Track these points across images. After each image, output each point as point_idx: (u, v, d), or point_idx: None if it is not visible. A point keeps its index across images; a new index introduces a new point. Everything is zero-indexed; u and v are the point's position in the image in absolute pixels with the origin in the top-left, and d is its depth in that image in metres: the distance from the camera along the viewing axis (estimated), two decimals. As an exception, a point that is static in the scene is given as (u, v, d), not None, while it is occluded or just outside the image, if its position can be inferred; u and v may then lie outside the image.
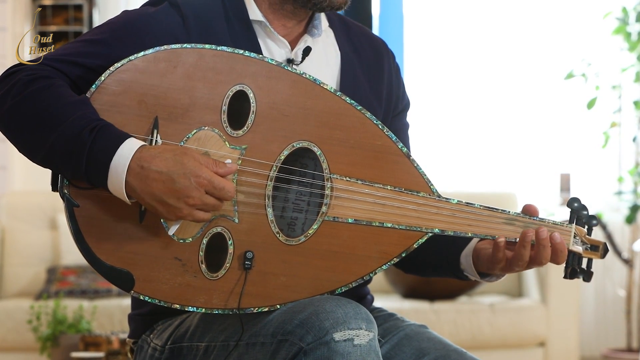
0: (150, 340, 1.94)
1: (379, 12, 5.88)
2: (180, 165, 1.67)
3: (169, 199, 1.67)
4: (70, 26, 5.72)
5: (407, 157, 1.85)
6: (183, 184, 1.67)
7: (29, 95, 1.71)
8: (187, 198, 1.67)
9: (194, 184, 1.67)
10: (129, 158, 1.67)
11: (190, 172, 1.67)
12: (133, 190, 1.68)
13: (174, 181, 1.67)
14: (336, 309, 1.69)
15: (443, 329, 4.87)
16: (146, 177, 1.67)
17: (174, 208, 1.68)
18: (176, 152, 1.69)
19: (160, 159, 1.67)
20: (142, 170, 1.67)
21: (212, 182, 1.68)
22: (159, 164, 1.67)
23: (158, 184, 1.67)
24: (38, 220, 5.34)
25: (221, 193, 1.69)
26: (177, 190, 1.67)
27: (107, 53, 1.79)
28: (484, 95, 6.01)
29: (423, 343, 1.91)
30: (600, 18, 5.75)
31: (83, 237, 1.72)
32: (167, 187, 1.67)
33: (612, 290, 5.80)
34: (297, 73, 1.81)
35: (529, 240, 1.81)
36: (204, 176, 1.67)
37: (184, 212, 1.68)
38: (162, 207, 1.68)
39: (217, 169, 1.69)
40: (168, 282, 1.74)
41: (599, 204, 5.86)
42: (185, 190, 1.67)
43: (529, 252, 1.82)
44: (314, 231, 1.80)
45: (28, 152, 1.75)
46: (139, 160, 1.67)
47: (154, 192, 1.67)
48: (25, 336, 4.63)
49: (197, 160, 1.68)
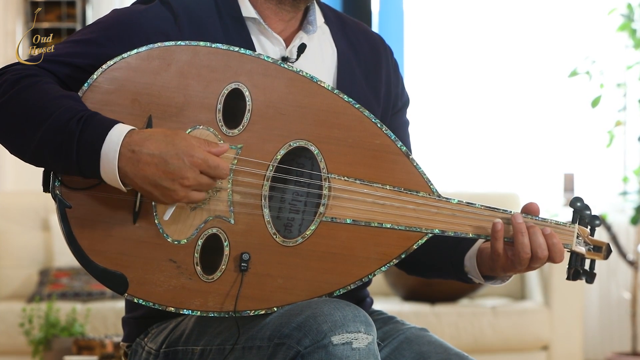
0: (144, 344, 1.94)
1: (379, 8, 5.88)
2: (172, 145, 1.67)
3: (164, 181, 1.67)
4: (63, 23, 5.73)
5: (407, 156, 1.85)
6: (177, 164, 1.66)
7: (15, 94, 1.72)
8: (182, 179, 1.67)
9: (187, 164, 1.66)
10: (118, 143, 1.66)
11: (183, 152, 1.66)
12: (126, 176, 1.67)
13: (167, 163, 1.66)
14: (334, 311, 1.69)
15: (444, 332, 4.87)
16: (138, 161, 1.66)
17: (169, 191, 1.67)
18: (167, 133, 1.68)
19: (152, 141, 1.67)
20: (134, 154, 1.66)
21: (206, 161, 1.67)
22: (150, 146, 1.66)
23: (151, 167, 1.66)
24: (30, 221, 5.34)
25: (216, 171, 1.69)
26: (171, 172, 1.66)
27: (97, 52, 1.79)
28: (486, 93, 6.01)
29: (423, 347, 1.91)
30: (604, 14, 5.75)
31: (75, 239, 1.72)
32: (161, 169, 1.66)
33: (616, 293, 5.80)
34: (294, 71, 1.82)
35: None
36: (197, 155, 1.67)
37: (179, 195, 1.68)
38: (157, 190, 1.67)
39: (209, 148, 1.69)
40: (162, 285, 1.74)
41: (604, 204, 5.86)
42: (179, 171, 1.66)
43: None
44: (312, 232, 1.80)
45: (18, 150, 1.75)
46: (129, 144, 1.66)
47: (147, 176, 1.66)
48: (17, 340, 4.63)
49: (189, 140, 1.68)
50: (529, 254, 1.81)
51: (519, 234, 1.81)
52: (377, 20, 5.87)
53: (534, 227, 1.82)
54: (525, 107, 6.01)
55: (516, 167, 6.01)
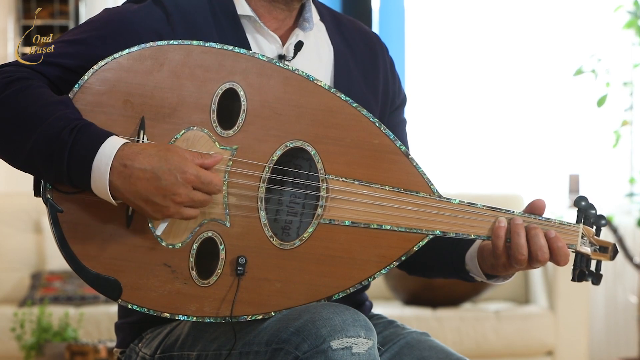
0: (138, 350, 1.94)
1: (379, 5, 5.89)
2: (165, 161, 1.67)
3: (155, 197, 1.67)
4: (56, 20, 5.73)
5: (406, 155, 1.85)
6: (169, 181, 1.67)
7: (6, 99, 1.72)
8: (174, 196, 1.67)
9: (180, 181, 1.67)
10: (111, 157, 1.67)
11: (175, 168, 1.67)
12: (117, 190, 1.68)
13: (159, 178, 1.67)
14: (333, 316, 1.69)
15: (446, 337, 4.87)
16: (130, 176, 1.67)
17: (160, 207, 1.68)
18: (160, 147, 1.69)
19: (144, 156, 1.67)
20: (126, 168, 1.67)
21: (199, 177, 1.68)
22: (142, 161, 1.67)
23: (142, 182, 1.67)
24: (22, 223, 5.34)
25: (209, 187, 1.69)
26: (163, 187, 1.67)
27: (88, 53, 1.79)
28: (489, 92, 6.01)
29: (425, 352, 1.91)
30: (610, 12, 5.75)
31: (67, 244, 1.72)
32: (153, 185, 1.67)
33: (623, 297, 5.80)
34: (290, 69, 1.82)
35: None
36: (190, 172, 1.67)
37: (171, 211, 1.68)
38: (148, 206, 1.68)
39: (203, 161, 1.69)
40: (157, 290, 1.74)
41: (610, 206, 5.86)
42: (171, 187, 1.67)
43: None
44: (309, 234, 1.80)
45: (8, 157, 1.75)
46: (122, 158, 1.67)
47: (139, 191, 1.67)
48: (9, 345, 4.63)
49: (182, 155, 1.68)
50: (524, 256, 1.81)
51: (515, 235, 1.81)
52: (377, 18, 5.87)
53: (536, 228, 1.82)
54: (530, 106, 6.01)
55: (520, 167, 6.01)
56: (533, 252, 1.81)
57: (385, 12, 5.91)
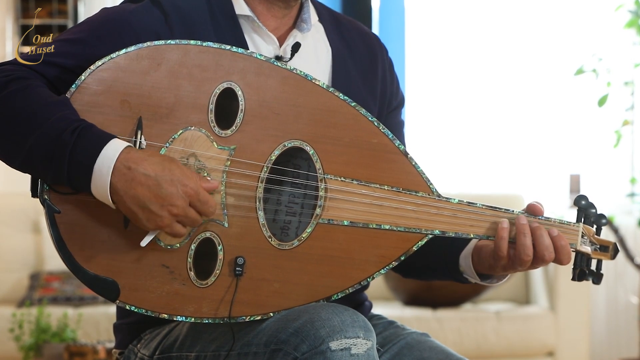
0: (137, 351, 1.94)
1: (379, 5, 5.89)
2: (169, 171, 1.68)
3: (152, 205, 1.67)
4: (54, 19, 5.73)
5: (405, 155, 1.85)
6: (169, 190, 1.67)
7: (5, 98, 1.72)
8: (171, 207, 1.67)
9: (180, 192, 1.67)
10: (113, 159, 1.67)
11: (178, 180, 1.67)
12: (116, 192, 1.67)
13: (160, 186, 1.67)
14: (332, 316, 1.69)
15: (446, 338, 4.87)
16: (132, 179, 1.67)
17: (155, 215, 1.68)
18: (164, 158, 1.70)
19: (149, 163, 1.67)
20: (129, 171, 1.67)
21: (198, 194, 1.69)
22: (147, 167, 1.67)
23: (143, 188, 1.67)
24: (20, 223, 5.34)
25: (204, 207, 1.69)
26: (162, 196, 1.67)
27: (85, 52, 1.79)
28: (490, 92, 6.01)
29: (425, 353, 1.91)
30: (611, 11, 5.75)
31: (65, 245, 1.72)
32: (153, 192, 1.67)
33: (624, 297, 5.80)
34: (288, 69, 1.82)
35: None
36: (191, 186, 1.68)
37: (164, 222, 1.68)
38: (143, 213, 1.68)
39: (201, 182, 1.70)
40: (155, 291, 1.74)
41: (611, 206, 5.86)
42: (170, 197, 1.67)
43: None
44: (308, 235, 1.80)
45: (6, 157, 1.75)
46: (126, 161, 1.67)
47: (137, 196, 1.67)
48: (7, 345, 4.63)
49: (185, 169, 1.69)
50: (530, 257, 1.81)
51: (521, 235, 1.81)
52: (377, 18, 5.87)
53: (540, 228, 1.82)
54: (530, 106, 6.01)
55: (520, 167, 6.01)
56: (539, 252, 1.81)
57: (385, 12, 5.91)
